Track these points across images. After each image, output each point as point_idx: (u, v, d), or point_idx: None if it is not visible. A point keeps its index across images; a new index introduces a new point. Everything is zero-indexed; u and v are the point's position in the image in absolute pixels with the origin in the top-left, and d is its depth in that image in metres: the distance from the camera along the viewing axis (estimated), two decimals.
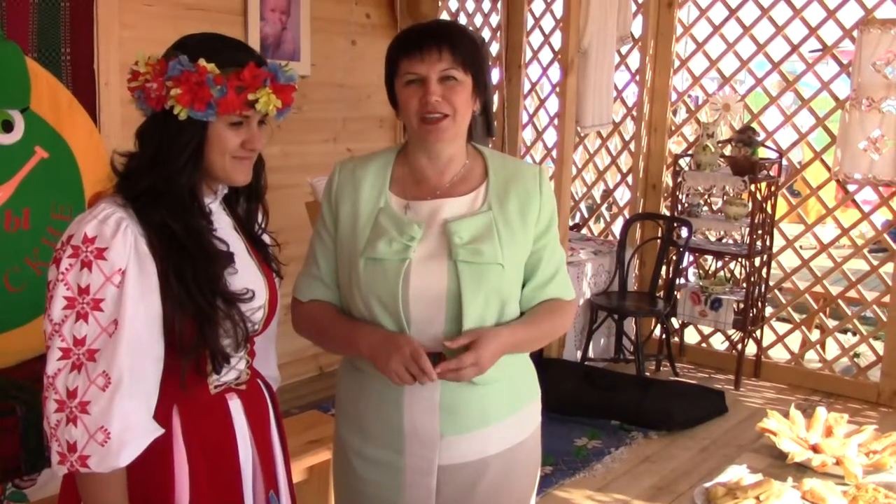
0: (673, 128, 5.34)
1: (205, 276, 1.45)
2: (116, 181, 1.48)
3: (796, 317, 5.00)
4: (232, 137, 1.48)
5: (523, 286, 1.73)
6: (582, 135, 5.53)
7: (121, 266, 1.38)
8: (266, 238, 1.70)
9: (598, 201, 6.07)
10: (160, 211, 1.43)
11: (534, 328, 1.71)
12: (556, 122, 5.12)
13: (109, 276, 1.37)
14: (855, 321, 4.76)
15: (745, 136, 4.72)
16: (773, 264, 4.97)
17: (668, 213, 5.18)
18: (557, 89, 5.06)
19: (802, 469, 2.07)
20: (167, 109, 1.42)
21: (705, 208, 5.06)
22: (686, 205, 5.04)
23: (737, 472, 2.01)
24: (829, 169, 4.69)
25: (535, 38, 5.62)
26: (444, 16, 5.59)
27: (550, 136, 5.66)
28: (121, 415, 1.37)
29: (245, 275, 1.55)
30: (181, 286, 1.43)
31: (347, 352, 1.75)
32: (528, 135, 5.94)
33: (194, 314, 1.44)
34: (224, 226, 1.58)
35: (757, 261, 4.79)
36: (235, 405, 1.58)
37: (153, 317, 1.42)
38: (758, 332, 4.94)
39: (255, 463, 1.61)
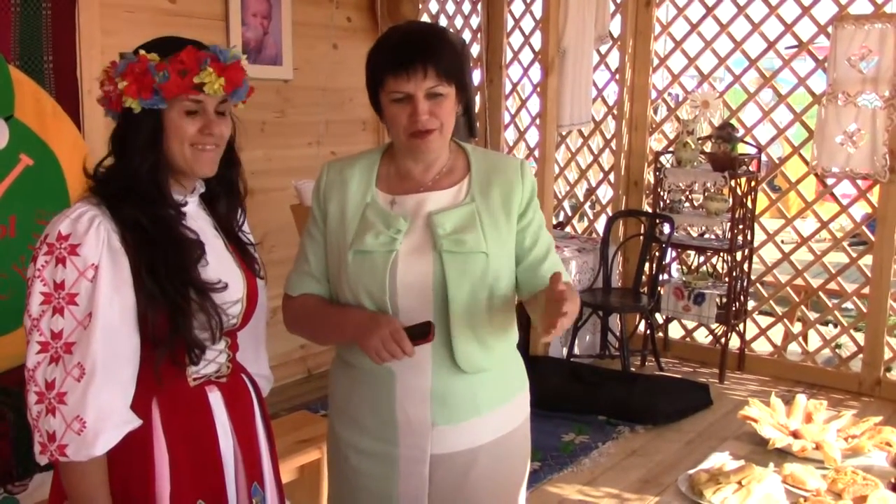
0: (653, 125, 5.39)
1: (175, 267, 1.49)
2: (90, 183, 1.53)
3: (778, 310, 5.06)
4: (188, 125, 1.51)
5: (518, 267, 1.76)
6: (563, 134, 5.57)
7: (93, 261, 1.42)
8: (244, 237, 1.73)
9: (581, 199, 6.11)
10: (129, 206, 1.48)
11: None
12: (537, 121, 5.17)
13: (83, 271, 1.42)
14: (836, 313, 4.82)
15: (725, 133, 4.77)
16: (755, 258, 5.03)
17: (650, 210, 5.23)
18: (538, 89, 5.10)
19: (783, 454, 2.11)
20: (126, 108, 1.48)
21: (687, 204, 5.11)
22: (668, 201, 5.08)
23: (719, 459, 2.05)
24: (807, 163, 4.75)
25: (516, 39, 5.66)
26: (425, 18, 5.61)
27: (532, 136, 5.70)
28: (96, 404, 1.40)
29: (220, 268, 1.59)
30: (152, 278, 1.47)
31: (337, 337, 1.78)
32: (510, 135, 5.98)
33: (167, 305, 1.48)
34: (202, 224, 1.62)
35: (738, 255, 4.84)
36: (215, 397, 1.61)
37: (127, 309, 1.46)
38: (741, 326, 5.00)
39: (237, 454, 1.64)
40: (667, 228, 4.96)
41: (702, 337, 5.35)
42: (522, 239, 1.76)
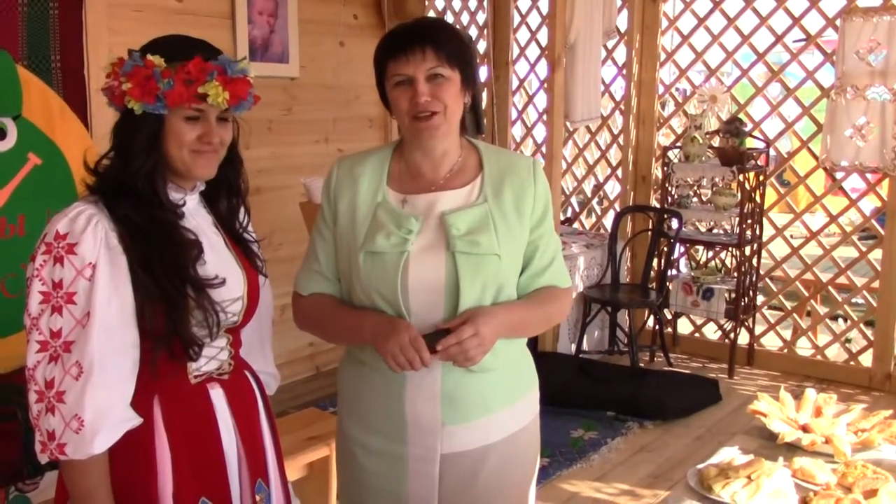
0: (661, 120, 5.38)
1: (171, 263, 1.49)
2: (89, 177, 1.54)
3: (787, 305, 5.05)
4: (188, 131, 1.51)
5: (520, 275, 1.75)
6: (571, 129, 5.56)
7: (91, 260, 1.43)
8: (248, 236, 1.73)
9: (589, 195, 6.11)
10: (124, 204, 1.48)
11: (531, 310, 1.74)
12: (544, 117, 5.16)
13: (80, 269, 1.42)
14: (846, 307, 4.80)
15: (733, 127, 4.76)
16: (764, 253, 5.01)
17: (658, 205, 5.22)
18: (545, 85, 5.10)
19: (793, 448, 2.10)
20: (128, 106, 1.49)
21: (695, 199, 5.10)
22: (676, 196, 5.08)
23: (728, 454, 2.04)
24: (816, 157, 4.74)
25: (522, 35, 5.66)
26: (431, 14, 5.61)
27: (540, 132, 5.70)
28: (93, 403, 1.41)
29: (219, 265, 1.59)
30: (147, 274, 1.47)
31: (351, 339, 1.77)
32: (517, 131, 5.98)
33: (163, 301, 1.48)
34: (201, 221, 1.62)
35: (747, 250, 4.83)
36: (217, 394, 1.61)
37: (126, 308, 1.46)
38: (750, 321, 4.99)
39: (240, 451, 1.64)
40: (675, 224, 4.95)
41: (711, 332, 5.34)
42: (535, 249, 1.75)
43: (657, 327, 5.06)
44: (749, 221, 4.78)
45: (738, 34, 4.93)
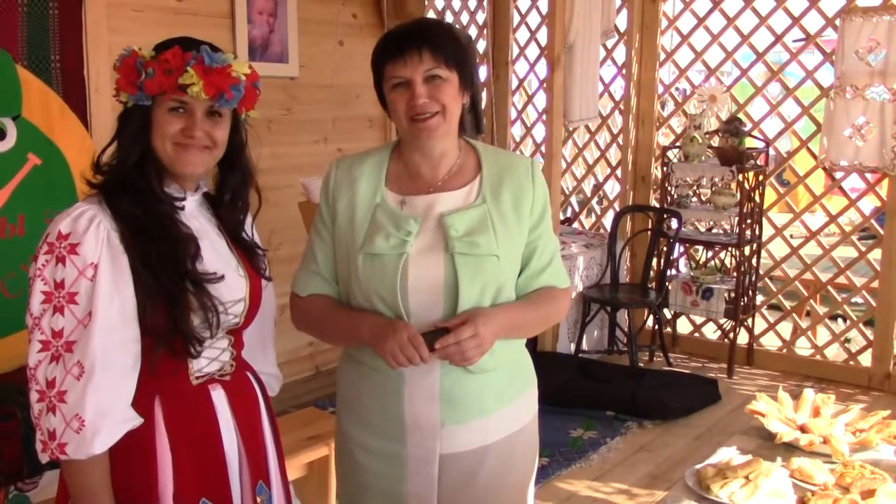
0: (660, 120, 5.38)
1: (170, 258, 1.50)
2: (93, 175, 1.55)
3: (787, 304, 5.05)
4: (171, 122, 1.52)
5: (518, 275, 1.76)
6: (570, 129, 5.56)
7: (93, 260, 1.43)
8: (246, 237, 1.73)
9: (589, 195, 6.11)
10: (125, 200, 1.49)
11: (529, 310, 1.74)
12: (544, 117, 5.17)
13: (82, 270, 1.43)
14: (845, 307, 4.80)
15: (732, 127, 4.76)
16: (763, 253, 5.01)
17: (657, 205, 5.22)
18: (545, 85, 5.10)
19: (791, 449, 2.11)
20: (121, 99, 1.52)
21: (694, 199, 5.10)
22: (675, 196, 5.08)
23: (727, 454, 2.05)
24: (815, 157, 4.74)
25: (522, 35, 5.66)
26: (431, 14, 5.61)
27: (539, 132, 5.70)
28: (94, 403, 1.41)
29: (219, 266, 1.59)
30: (147, 269, 1.47)
31: (349, 340, 1.78)
32: (517, 131, 5.98)
33: (163, 296, 1.48)
34: (204, 223, 1.62)
35: (747, 250, 4.83)
36: (219, 395, 1.62)
37: (128, 308, 1.46)
38: (749, 321, 4.99)
39: (242, 453, 1.64)
40: (674, 223, 4.95)
41: (710, 332, 5.34)
42: (533, 249, 1.75)
43: (656, 327, 5.06)
44: (748, 221, 4.78)
45: (738, 34, 4.93)
